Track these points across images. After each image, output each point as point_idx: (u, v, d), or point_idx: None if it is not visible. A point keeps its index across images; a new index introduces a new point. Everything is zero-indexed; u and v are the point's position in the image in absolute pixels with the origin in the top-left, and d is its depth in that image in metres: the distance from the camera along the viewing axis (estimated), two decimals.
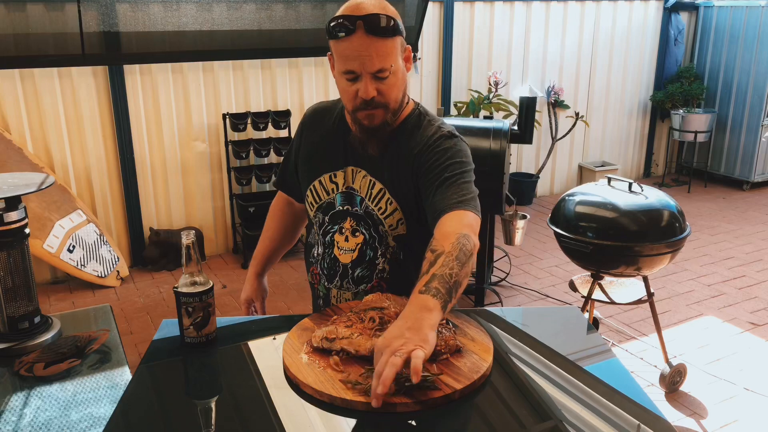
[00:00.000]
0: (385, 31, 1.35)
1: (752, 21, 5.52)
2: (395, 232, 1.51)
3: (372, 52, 1.35)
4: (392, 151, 1.50)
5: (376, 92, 1.38)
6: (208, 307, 1.30)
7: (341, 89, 1.43)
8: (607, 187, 2.68)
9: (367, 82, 1.37)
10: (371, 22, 1.33)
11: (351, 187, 1.53)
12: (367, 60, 1.35)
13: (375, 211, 1.51)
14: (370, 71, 1.36)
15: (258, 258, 1.83)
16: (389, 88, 1.40)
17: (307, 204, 1.60)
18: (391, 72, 1.38)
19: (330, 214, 1.56)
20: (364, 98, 1.38)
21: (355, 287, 1.55)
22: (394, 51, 1.38)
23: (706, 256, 4.31)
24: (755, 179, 5.75)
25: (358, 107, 1.41)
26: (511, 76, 5.29)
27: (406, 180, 1.48)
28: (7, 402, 1.27)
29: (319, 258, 1.60)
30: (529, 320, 1.52)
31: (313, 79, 4.50)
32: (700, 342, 3.20)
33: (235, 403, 1.14)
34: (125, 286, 3.93)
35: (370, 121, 1.43)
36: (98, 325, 1.62)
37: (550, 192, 5.81)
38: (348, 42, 1.35)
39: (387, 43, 1.36)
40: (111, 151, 4.01)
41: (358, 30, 1.33)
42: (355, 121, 1.46)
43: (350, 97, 1.41)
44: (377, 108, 1.41)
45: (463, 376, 1.14)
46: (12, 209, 1.40)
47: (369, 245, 1.53)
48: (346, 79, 1.39)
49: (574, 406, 1.11)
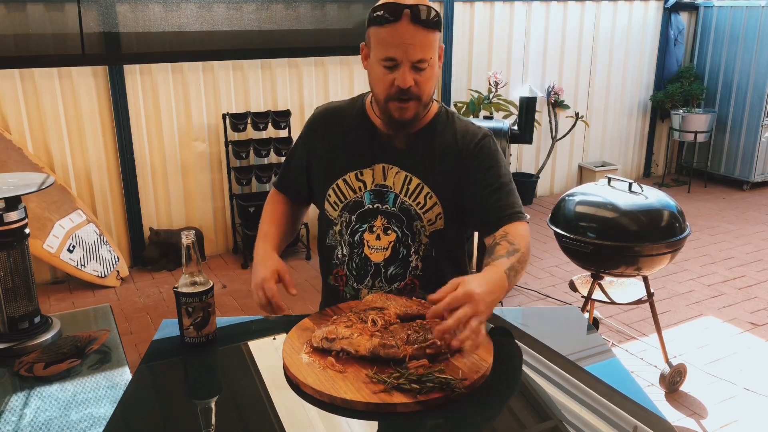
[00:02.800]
0: (428, 22, 1.37)
1: (752, 21, 5.52)
2: (433, 227, 1.53)
3: (415, 41, 1.37)
4: (427, 147, 1.53)
5: (414, 82, 1.39)
6: (208, 307, 1.30)
7: (376, 78, 1.43)
8: (607, 187, 2.68)
9: (406, 71, 1.38)
10: (417, 11, 1.36)
11: (382, 184, 1.53)
12: (410, 48, 1.37)
13: (413, 206, 1.52)
14: (411, 60, 1.37)
15: (271, 235, 1.60)
16: (426, 81, 1.42)
17: (329, 204, 1.57)
18: (429, 65, 1.40)
19: (357, 213, 1.55)
20: (401, 87, 1.39)
21: (388, 286, 1.55)
22: (434, 44, 1.41)
23: (706, 256, 4.31)
24: (755, 179, 5.75)
25: (392, 96, 1.41)
26: (511, 76, 5.28)
27: (448, 174, 1.52)
28: (7, 402, 1.27)
29: (345, 259, 1.58)
30: (529, 320, 1.52)
31: (313, 79, 4.50)
32: (700, 342, 3.20)
33: (235, 403, 1.14)
34: (125, 286, 3.94)
35: (401, 114, 1.43)
36: (98, 325, 1.62)
37: (550, 192, 5.81)
38: (392, 29, 1.37)
39: (429, 35, 1.39)
40: (111, 151, 4.01)
41: (404, 18, 1.36)
42: (385, 113, 1.46)
43: (386, 85, 1.41)
44: (411, 100, 1.42)
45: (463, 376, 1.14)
46: (12, 209, 1.40)
47: (402, 243, 1.54)
48: (383, 66, 1.40)
49: (574, 406, 1.11)
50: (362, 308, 1.32)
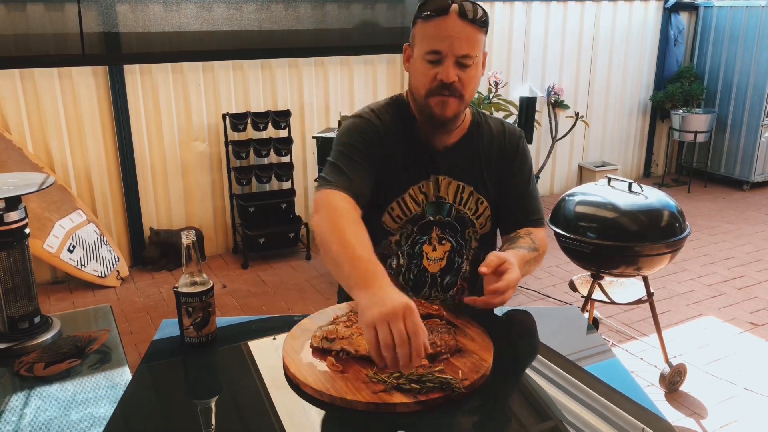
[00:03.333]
0: (476, 20, 1.38)
1: (752, 21, 5.52)
2: (483, 230, 1.57)
3: (462, 35, 1.37)
4: (474, 152, 1.55)
5: (457, 78, 1.38)
6: (208, 307, 1.30)
7: (419, 73, 1.42)
8: (607, 187, 2.68)
9: (450, 65, 1.37)
10: (465, 7, 1.37)
11: (440, 196, 1.53)
12: (456, 42, 1.36)
13: (466, 213, 1.54)
14: (457, 54, 1.37)
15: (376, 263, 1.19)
16: (469, 79, 1.41)
17: (389, 216, 1.52)
18: (473, 62, 1.40)
19: (419, 225, 1.54)
20: (443, 80, 1.37)
21: (444, 294, 1.58)
22: (480, 43, 1.41)
23: (706, 256, 4.31)
24: (755, 179, 5.75)
25: (434, 90, 1.40)
26: (511, 76, 5.28)
27: (493, 175, 1.55)
28: (7, 402, 1.27)
29: (402, 269, 1.57)
30: (529, 320, 1.52)
31: (313, 79, 4.50)
32: (700, 342, 3.20)
33: (235, 403, 1.14)
34: (125, 286, 3.94)
35: (442, 110, 1.42)
36: (98, 325, 1.62)
37: (550, 192, 5.81)
38: (439, 22, 1.37)
39: (475, 32, 1.39)
40: (111, 151, 4.01)
41: (451, 12, 1.36)
42: (425, 110, 1.44)
43: (428, 80, 1.40)
44: (452, 96, 1.40)
45: (463, 376, 1.14)
46: (12, 209, 1.40)
47: (456, 252, 1.56)
48: (427, 60, 1.39)
49: (574, 406, 1.11)
50: None
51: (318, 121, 4.60)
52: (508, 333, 1.42)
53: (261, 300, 3.73)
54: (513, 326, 1.47)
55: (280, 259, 4.32)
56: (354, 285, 1.15)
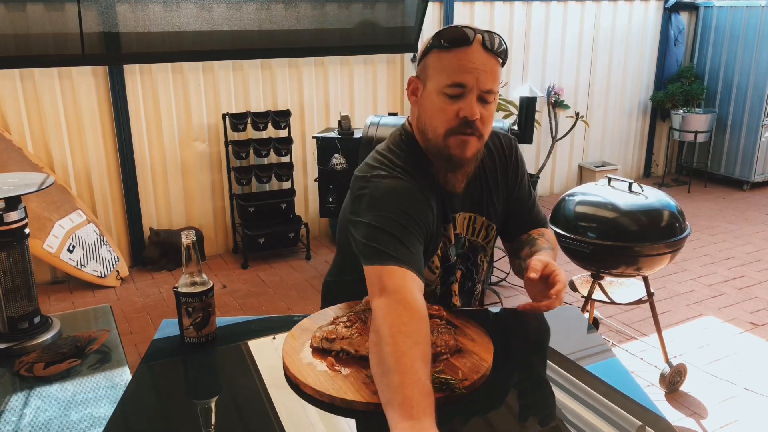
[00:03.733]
0: (499, 51, 1.28)
1: (752, 21, 5.52)
2: (490, 247, 1.54)
3: (487, 68, 1.26)
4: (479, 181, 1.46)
5: (479, 115, 1.27)
6: (208, 307, 1.30)
7: (435, 109, 1.29)
8: (607, 187, 2.68)
9: (473, 101, 1.26)
10: (490, 38, 1.27)
11: (456, 233, 1.46)
12: (481, 75, 1.25)
13: (479, 242, 1.50)
14: (482, 88, 1.26)
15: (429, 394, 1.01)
16: (489, 116, 1.30)
17: (429, 270, 1.42)
18: (494, 99, 1.30)
19: (445, 267, 1.46)
20: (467, 117, 1.26)
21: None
22: (500, 76, 1.32)
23: (706, 256, 4.31)
24: (755, 179, 5.75)
25: (455, 129, 1.28)
26: (511, 76, 5.28)
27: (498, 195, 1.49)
28: (7, 402, 1.27)
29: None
30: (529, 320, 1.52)
31: (313, 79, 4.50)
32: (700, 342, 3.20)
33: (235, 403, 1.14)
34: (125, 286, 3.93)
35: (462, 151, 1.30)
36: (98, 325, 1.62)
37: (550, 192, 5.81)
38: (462, 53, 1.25)
39: (497, 65, 1.29)
40: (111, 151, 4.01)
41: (476, 43, 1.26)
42: (443, 152, 1.31)
43: (449, 116, 1.27)
44: (473, 134, 1.29)
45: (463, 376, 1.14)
46: (12, 209, 1.40)
47: (467, 278, 1.53)
48: (447, 95, 1.26)
49: (574, 406, 1.11)
50: (362, 308, 1.32)
51: (318, 121, 4.60)
52: (508, 333, 1.41)
53: (261, 300, 3.73)
54: (513, 326, 1.46)
55: (280, 259, 4.32)
56: (396, 406, 0.99)
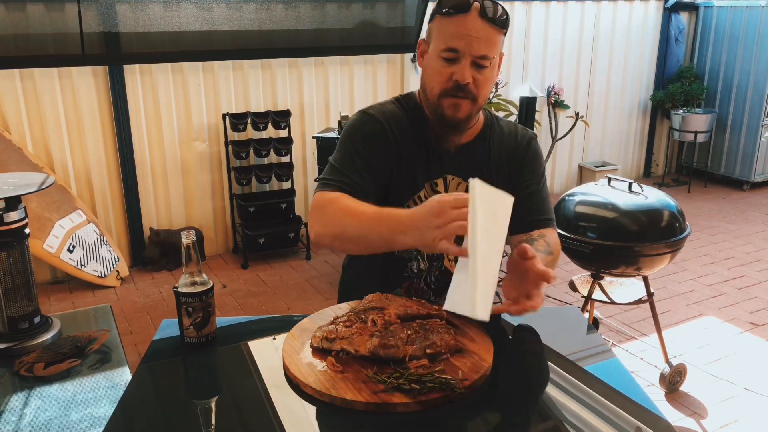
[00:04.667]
0: (496, 20, 1.35)
1: (752, 21, 5.52)
2: None
3: (481, 35, 1.34)
4: (485, 154, 1.52)
5: (472, 79, 1.35)
6: (208, 307, 1.30)
7: (433, 71, 1.39)
8: (607, 187, 2.68)
9: (466, 65, 1.35)
10: (487, 6, 1.34)
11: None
12: (474, 41, 1.33)
13: None
14: (474, 54, 1.34)
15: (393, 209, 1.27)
16: (484, 80, 1.38)
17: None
18: (490, 64, 1.37)
19: None
20: (458, 81, 1.35)
21: None
22: (498, 44, 1.38)
23: (706, 256, 4.31)
24: (755, 179, 5.75)
25: (448, 91, 1.37)
26: (511, 76, 5.28)
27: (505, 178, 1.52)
28: (7, 402, 1.27)
29: (423, 273, 1.53)
30: (529, 320, 1.52)
31: (313, 79, 4.50)
32: (700, 342, 3.20)
33: (235, 403, 1.14)
34: (125, 286, 3.93)
35: (454, 111, 1.39)
36: (98, 325, 1.62)
37: (550, 192, 5.81)
38: (459, 20, 1.34)
39: (495, 33, 1.36)
40: (111, 151, 4.01)
41: (473, 11, 1.33)
42: (437, 110, 1.41)
43: (443, 78, 1.37)
44: (466, 97, 1.38)
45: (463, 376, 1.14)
46: (12, 209, 1.40)
47: None
48: (443, 58, 1.36)
49: (574, 406, 1.11)
50: (362, 308, 1.32)
51: (318, 121, 4.60)
52: (508, 333, 1.42)
53: (261, 300, 3.73)
54: (513, 327, 1.46)
55: (280, 259, 4.32)
56: (394, 234, 1.21)
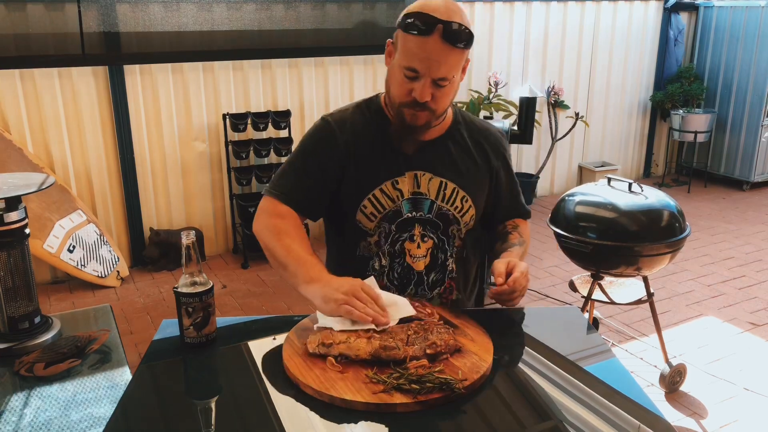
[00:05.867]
0: (460, 42, 1.34)
1: (752, 21, 5.52)
2: (467, 227, 1.57)
3: (442, 59, 1.33)
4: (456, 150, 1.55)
5: (431, 97, 1.37)
6: (208, 308, 1.30)
7: (395, 81, 1.41)
8: (607, 187, 2.68)
9: (426, 86, 1.36)
10: (451, 30, 1.31)
11: (417, 192, 1.51)
12: (434, 65, 1.33)
13: (451, 211, 1.53)
14: (434, 77, 1.35)
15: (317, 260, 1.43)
16: (443, 96, 1.41)
17: (363, 215, 1.51)
18: (450, 82, 1.38)
19: (397, 223, 1.51)
20: (417, 99, 1.37)
21: (430, 292, 1.56)
22: (460, 63, 1.38)
23: (706, 256, 4.31)
24: (755, 179, 5.75)
25: (407, 104, 1.41)
26: (511, 76, 5.29)
27: (478, 174, 1.56)
28: (7, 402, 1.27)
29: (385, 269, 1.54)
30: (529, 320, 1.52)
31: (313, 79, 4.50)
32: (700, 342, 3.20)
33: (235, 403, 1.14)
34: (125, 286, 3.93)
35: (413, 120, 1.43)
36: (98, 325, 1.61)
37: (550, 192, 5.81)
38: (421, 41, 1.32)
39: (457, 54, 1.35)
40: (111, 151, 4.01)
41: (435, 33, 1.32)
42: (398, 115, 1.45)
43: (403, 92, 1.40)
44: (424, 110, 1.41)
45: (463, 376, 1.14)
46: (12, 209, 1.40)
47: (439, 248, 1.54)
48: (404, 74, 1.37)
49: (574, 407, 1.11)
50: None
51: None
52: (508, 333, 1.42)
53: (261, 300, 3.73)
54: (513, 326, 1.47)
55: None
56: (301, 282, 1.37)
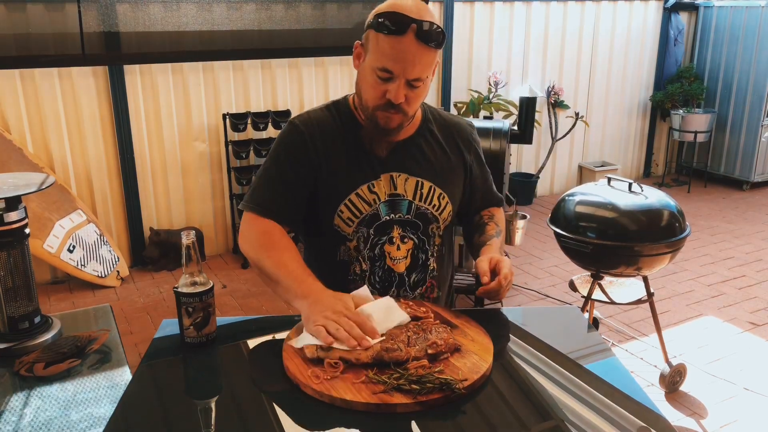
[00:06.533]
0: (434, 42, 1.33)
1: (752, 21, 5.52)
2: (446, 224, 1.57)
3: (417, 59, 1.33)
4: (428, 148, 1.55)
5: (405, 99, 1.37)
6: (208, 307, 1.30)
7: (368, 84, 1.39)
8: (607, 187, 2.68)
9: (400, 87, 1.35)
10: (425, 29, 1.31)
11: (394, 193, 1.50)
12: (409, 65, 1.33)
13: (429, 210, 1.53)
14: (409, 77, 1.34)
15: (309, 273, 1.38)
16: (416, 97, 1.40)
17: (341, 220, 1.48)
18: (423, 83, 1.38)
19: (375, 226, 1.50)
20: (392, 101, 1.36)
21: (412, 293, 1.55)
22: (433, 63, 1.38)
23: (706, 256, 4.31)
24: (755, 179, 5.75)
25: (380, 107, 1.39)
26: (511, 76, 5.28)
27: (452, 169, 1.57)
28: (7, 402, 1.27)
29: (366, 273, 1.52)
30: (529, 320, 1.52)
31: (313, 79, 4.50)
32: (700, 342, 3.20)
33: (235, 402, 1.14)
34: (125, 286, 3.93)
35: (387, 123, 1.42)
36: (98, 325, 1.62)
37: (550, 192, 5.81)
38: (395, 41, 1.31)
39: (430, 54, 1.35)
40: (111, 151, 4.01)
41: (409, 32, 1.31)
42: (371, 119, 1.43)
43: (377, 94, 1.38)
44: (398, 113, 1.40)
45: (463, 376, 1.14)
46: (12, 209, 1.40)
47: (420, 249, 1.54)
48: (378, 76, 1.36)
49: (574, 407, 1.11)
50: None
51: None
52: (508, 333, 1.42)
53: (261, 300, 3.73)
54: (513, 326, 1.47)
55: None
56: (293, 297, 1.33)
